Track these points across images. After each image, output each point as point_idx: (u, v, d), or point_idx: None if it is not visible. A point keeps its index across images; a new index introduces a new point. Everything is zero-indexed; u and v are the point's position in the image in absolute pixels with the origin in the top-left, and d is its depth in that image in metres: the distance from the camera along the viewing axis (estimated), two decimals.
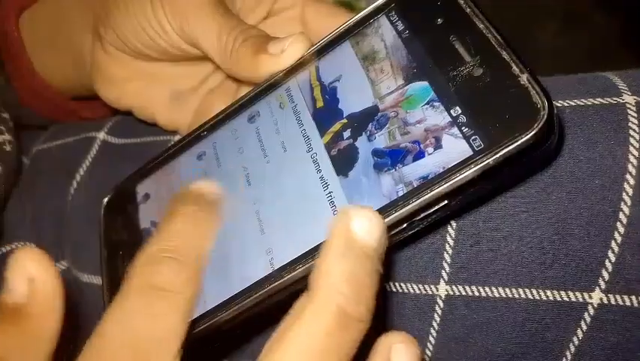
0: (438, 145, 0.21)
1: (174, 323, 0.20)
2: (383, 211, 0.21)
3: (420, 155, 0.21)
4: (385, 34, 0.24)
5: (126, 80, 0.33)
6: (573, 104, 0.24)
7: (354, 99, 0.24)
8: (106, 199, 0.30)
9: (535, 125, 0.19)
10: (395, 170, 0.21)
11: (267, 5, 0.32)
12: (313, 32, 0.31)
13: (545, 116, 0.19)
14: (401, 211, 0.20)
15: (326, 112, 0.24)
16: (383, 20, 0.25)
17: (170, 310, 0.20)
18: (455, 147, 0.20)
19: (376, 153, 0.22)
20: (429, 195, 0.20)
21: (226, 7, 0.29)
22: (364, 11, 0.25)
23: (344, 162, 0.23)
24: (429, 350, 0.26)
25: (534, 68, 0.20)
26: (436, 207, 0.20)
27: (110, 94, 0.33)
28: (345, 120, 0.24)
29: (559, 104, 0.25)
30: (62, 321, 0.21)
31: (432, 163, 0.21)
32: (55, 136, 0.38)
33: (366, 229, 0.18)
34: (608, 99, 0.24)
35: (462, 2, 0.22)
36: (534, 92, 0.19)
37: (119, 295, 0.20)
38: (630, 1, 1.26)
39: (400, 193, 0.21)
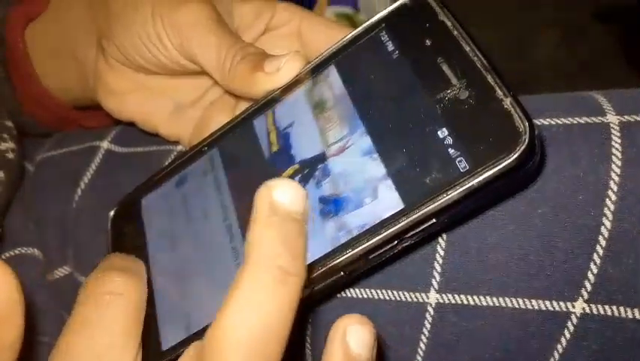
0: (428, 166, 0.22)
1: (126, 324, 0.22)
2: (377, 228, 0.22)
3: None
4: (375, 55, 0.25)
5: (128, 92, 0.34)
6: (560, 122, 0.25)
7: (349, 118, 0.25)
8: (112, 212, 0.31)
9: (518, 148, 0.20)
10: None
11: (264, 21, 0.33)
12: (310, 47, 0.32)
13: (527, 140, 0.20)
14: (393, 229, 0.21)
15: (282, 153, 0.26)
16: (374, 40, 0.25)
17: (121, 311, 0.22)
18: (445, 168, 0.21)
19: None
20: (418, 214, 0.21)
21: (225, 25, 0.30)
22: (355, 31, 0.26)
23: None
24: (419, 355, 0.27)
25: (532, 82, 0.21)
26: (425, 225, 0.21)
27: (112, 105, 0.34)
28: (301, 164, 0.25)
29: (546, 122, 0.26)
30: (23, 326, 0.20)
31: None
32: (59, 144, 0.39)
33: (289, 195, 0.18)
34: (594, 118, 0.25)
35: (449, 25, 0.23)
36: (517, 116, 0.20)
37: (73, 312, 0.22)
38: (628, 14, 1.28)
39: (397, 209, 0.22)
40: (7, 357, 0.20)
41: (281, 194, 0.18)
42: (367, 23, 0.26)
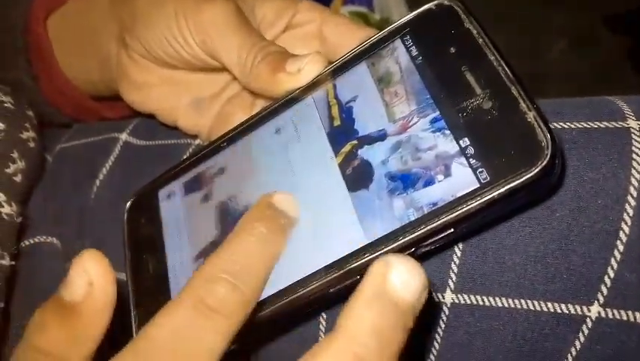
0: (447, 173, 0.22)
1: (214, 344, 0.20)
2: (394, 235, 0.22)
3: (430, 181, 0.22)
4: (400, 57, 0.25)
5: (150, 85, 0.34)
6: (580, 126, 0.26)
7: (368, 120, 0.25)
8: (129, 203, 0.31)
9: (539, 162, 0.20)
10: (406, 194, 0.23)
11: (286, 19, 0.33)
12: (331, 47, 0.32)
13: (549, 155, 0.20)
14: (410, 237, 0.22)
15: (342, 131, 0.26)
16: (398, 44, 0.26)
17: (215, 331, 0.21)
18: (463, 178, 0.21)
19: (389, 176, 0.23)
20: (436, 223, 0.21)
21: (247, 23, 0.30)
22: (380, 33, 0.26)
23: (357, 182, 0.24)
24: (433, 355, 0.27)
25: (543, 87, 0.21)
26: (443, 235, 0.22)
27: (134, 98, 0.34)
28: (357, 141, 0.25)
29: (566, 126, 0.26)
30: (109, 326, 0.22)
31: (441, 191, 0.22)
32: (79, 135, 0.39)
33: (404, 280, 0.18)
34: (614, 123, 0.25)
35: (475, 33, 0.23)
36: (539, 130, 0.20)
37: (172, 303, 0.21)
38: (637, 23, 1.28)
39: (412, 218, 0.22)
40: (88, 349, 0.22)
41: (398, 276, 0.18)
42: (392, 26, 0.26)
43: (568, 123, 0.26)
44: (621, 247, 0.24)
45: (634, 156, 0.24)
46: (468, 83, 0.23)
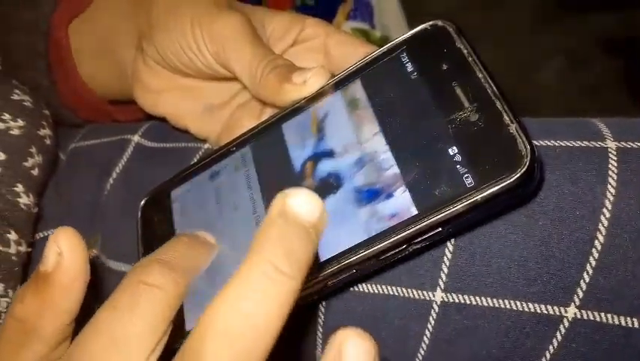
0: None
1: (153, 319, 0.21)
2: (393, 230, 0.24)
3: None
4: (396, 73, 0.27)
5: (163, 90, 0.36)
6: (563, 144, 0.28)
7: (362, 132, 0.27)
8: (143, 201, 0.33)
9: (519, 170, 0.22)
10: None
11: (293, 35, 0.35)
12: (334, 60, 0.35)
13: (528, 163, 0.22)
14: (402, 235, 0.24)
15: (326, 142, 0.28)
16: (395, 60, 0.28)
17: (151, 305, 0.21)
18: (453, 183, 0.24)
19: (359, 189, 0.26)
20: (428, 222, 0.24)
21: (258, 37, 0.32)
22: (378, 50, 0.29)
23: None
24: (423, 349, 0.29)
25: (534, 108, 0.24)
26: (432, 233, 0.24)
27: (147, 102, 0.37)
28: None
29: (550, 143, 0.28)
30: (82, 297, 0.23)
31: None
32: (92, 135, 0.41)
33: (302, 203, 0.19)
34: (594, 143, 0.28)
35: (465, 52, 0.26)
36: (520, 140, 0.23)
37: (113, 292, 0.22)
38: (631, 45, 1.32)
39: (414, 213, 0.24)
40: (62, 319, 0.23)
41: (294, 201, 0.19)
42: (390, 44, 0.29)
43: (552, 141, 0.28)
44: (596, 255, 0.26)
45: (610, 173, 0.26)
46: (457, 97, 0.25)
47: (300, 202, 0.19)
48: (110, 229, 0.36)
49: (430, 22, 0.28)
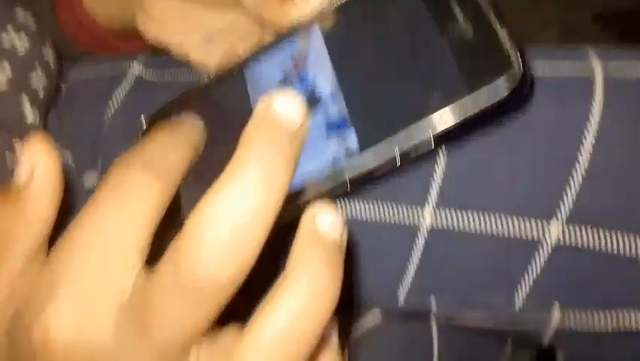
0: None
1: (132, 229, 0.20)
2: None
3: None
4: None
5: (166, 19, 0.37)
6: (552, 65, 0.29)
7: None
8: (144, 122, 0.34)
9: (511, 82, 0.23)
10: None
11: None
12: None
13: (520, 75, 0.23)
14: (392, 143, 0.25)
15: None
16: None
17: (133, 212, 0.20)
18: (447, 88, 0.25)
19: None
20: (420, 128, 0.25)
21: None
22: None
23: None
24: (412, 270, 0.31)
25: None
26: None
27: (150, 30, 0.37)
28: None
29: (541, 64, 0.29)
30: (56, 208, 0.22)
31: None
32: (92, 66, 0.42)
33: (287, 104, 0.20)
34: (582, 63, 0.29)
35: None
36: (514, 54, 0.23)
37: (94, 196, 0.21)
38: (628, 18, 1.32)
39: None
40: (35, 232, 0.21)
41: (278, 103, 0.20)
42: None
43: (543, 61, 0.29)
44: (581, 171, 0.27)
45: (595, 97, 0.28)
46: (452, 10, 0.26)
47: (285, 103, 0.20)
48: (111, 153, 0.37)
49: None
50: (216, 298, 0.19)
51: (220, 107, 0.32)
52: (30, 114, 0.33)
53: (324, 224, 0.20)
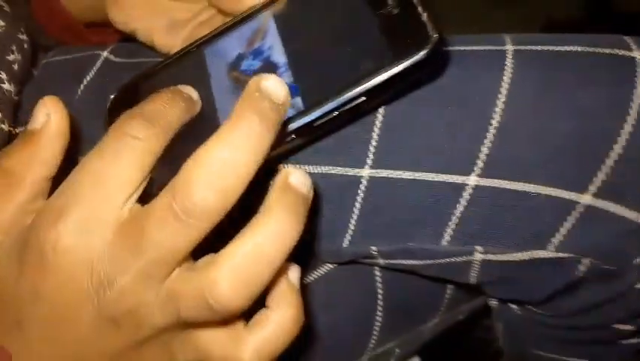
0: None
1: (134, 165, 0.25)
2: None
3: None
4: None
5: (133, 7, 0.40)
6: (470, 49, 0.34)
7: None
8: (112, 96, 0.37)
9: (428, 46, 0.28)
10: None
11: None
12: None
13: (435, 40, 0.28)
14: (334, 101, 0.29)
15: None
16: None
17: (134, 154, 0.25)
18: (379, 58, 0.29)
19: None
20: (355, 90, 0.29)
21: None
22: None
23: None
24: (353, 219, 0.35)
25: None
26: (359, 101, 0.29)
27: (119, 18, 0.41)
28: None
29: (462, 48, 0.34)
30: (62, 154, 0.27)
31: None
32: (62, 52, 0.45)
33: (273, 84, 0.24)
34: (496, 47, 0.34)
35: None
36: (430, 25, 0.28)
37: (100, 140, 0.26)
38: (579, 28, 1.41)
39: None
40: (45, 171, 0.27)
41: (267, 82, 0.24)
42: None
43: (463, 47, 0.34)
44: (493, 131, 0.32)
45: (506, 68, 0.32)
46: None
47: (272, 83, 0.25)
48: (83, 127, 0.40)
49: None
50: (202, 223, 0.23)
51: (181, 81, 0.36)
52: (7, 83, 0.36)
53: (295, 180, 0.25)
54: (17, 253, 0.26)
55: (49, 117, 0.27)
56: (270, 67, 0.32)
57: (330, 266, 0.41)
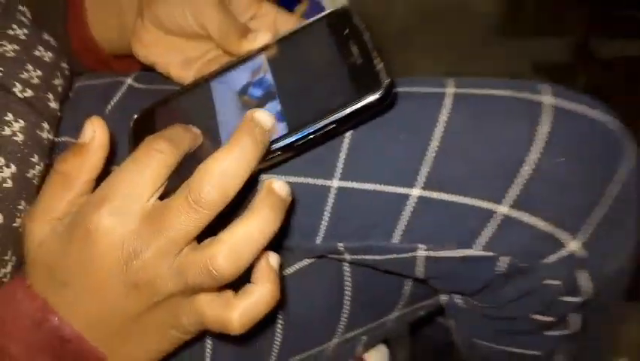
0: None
1: (157, 172, 0.33)
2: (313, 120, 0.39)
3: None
4: (315, 37, 0.42)
5: (154, 45, 0.50)
6: (418, 90, 0.43)
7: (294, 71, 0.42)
8: (134, 116, 0.47)
9: (381, 88, 0.37)
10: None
11: (251, 12, 0.50)
12: (280, 30, 0.49)
13: (386, 85, 0.37)
14: (309, 128, 0.39)
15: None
16: (314, 30, 0.43)
17: (157, 163, 0.34)
18: (347, 96, 0.38)
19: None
20: (329, 119, 0.38)
21: (227, 7, 0.47)
22: (305, 23, 0.44)
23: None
24: (324, 222, 0.44)
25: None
26: (329, 128, 0.39)
27: (141, 53, 0.50)
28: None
29: (407, 89, 0.44)
30: (103, 162, 0.35)
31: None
32: (93, 77, 0.55)
33: (263, 116, 0.34)
34: (438, 89, 0.43)
35: (359, 25, 0.41)
36: (383, 73, 0.38)
37: (134, 151, 0.34)
38: (562, 71, 1.50)
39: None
40: (91, 175, 0.35)
41: (259, 114, 0.35)
42: (313, 19, 0.44)
43: (416, 87, 0.44)
44: (433, 153, 0.41)
45: (445, 104, 0.42)
46: (351, 48, 0.40)
47: (262, 115, 0.35)
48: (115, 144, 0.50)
49: (340, 7, 0.43)
50: (208, 212, 0.33)
51: (192, 107, 0.45)
52: (53, 104, 0.46)
53: (277, 186, 0.34)
54: (67, 232, 0.34)
55: (95, 133, 0.36)
56: (269, 95, 0.42)
57: (306, 262, 0.50)
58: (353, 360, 0.58)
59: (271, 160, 0.40)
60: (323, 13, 0.43)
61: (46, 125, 0.45)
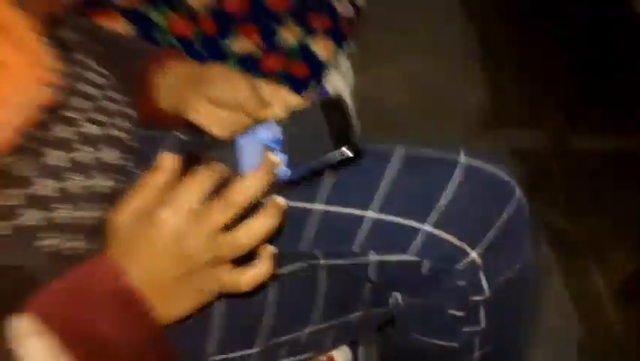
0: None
1: (201, 191, 0.50)
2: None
3: None
4: (308, 117, 0.65)
5: (204, 113, 0.72)
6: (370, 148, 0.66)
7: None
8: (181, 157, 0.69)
9: (354, 148, 0.59)
10: None
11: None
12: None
13: (356, 148, 0.58)
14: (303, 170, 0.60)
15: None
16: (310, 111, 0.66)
17: (201, 187, 0.50)
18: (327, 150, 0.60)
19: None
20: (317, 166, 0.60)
21: (256, 89, 0.70)
22: (305, 103, 0.67)
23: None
24: (309, 238, 0.65)
25: None
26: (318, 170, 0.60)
27: (192, 117, 0.73)
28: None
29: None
30: (173, 179, 0.57)
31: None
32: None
33: (274, 159, 0.53)
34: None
35: (348, 108, 0.64)
36: (356, 139, 0.58)
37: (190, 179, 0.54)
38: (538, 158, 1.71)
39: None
40: (169, 186, 0.57)
41: (272, 156, 0.54)
42: (313, 100, 0.67)
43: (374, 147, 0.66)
44: (385, 186, 0.63)
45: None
46: (337, 124, 0.62)
47: (273, 158, 0.55)
48: None
49: (335, 94, 0.66)
50: (234, 210, 0.52)
51: (224, 152, 0.67)
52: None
53: (278, 200, 0.54)
54: (135, 222, 0.50)
55: (173, 161, 0.56)
56: (278, 147, 0.63)
57: (294, 265, 0.71)
58: (322, 356, 0.76)
59: (275, 189, 0.62)
60: (320, 98, 0.66)
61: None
